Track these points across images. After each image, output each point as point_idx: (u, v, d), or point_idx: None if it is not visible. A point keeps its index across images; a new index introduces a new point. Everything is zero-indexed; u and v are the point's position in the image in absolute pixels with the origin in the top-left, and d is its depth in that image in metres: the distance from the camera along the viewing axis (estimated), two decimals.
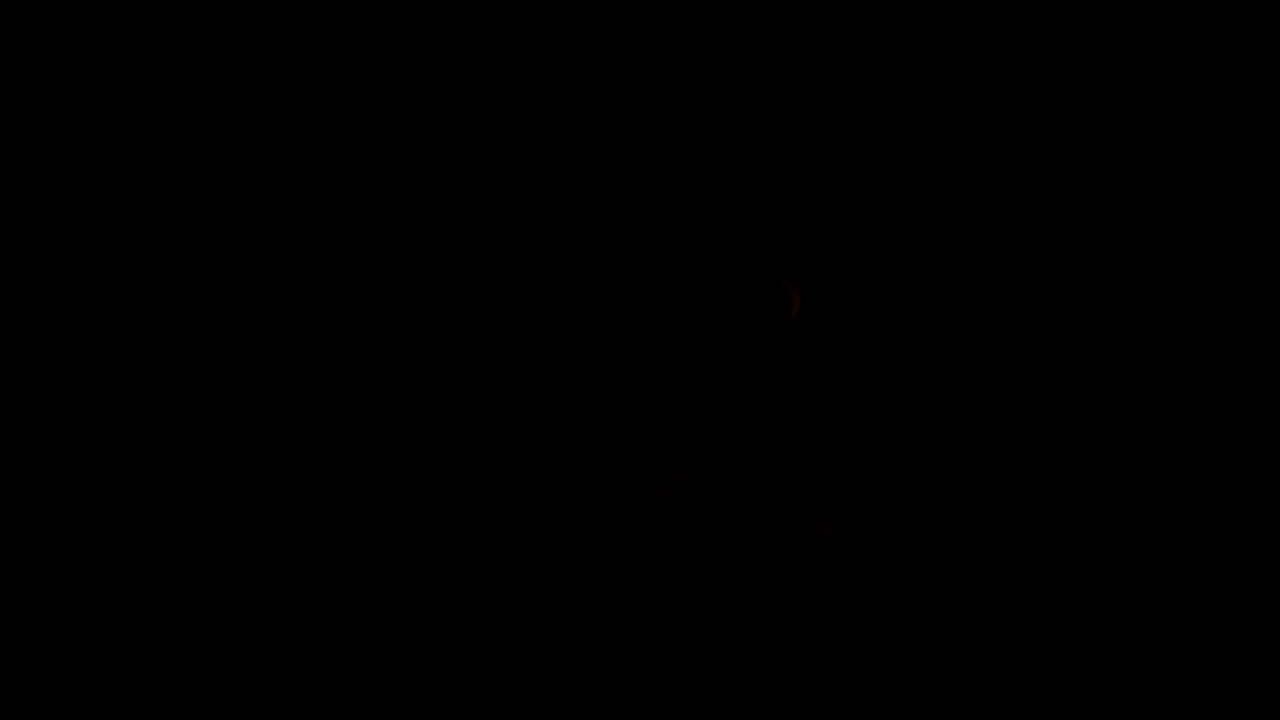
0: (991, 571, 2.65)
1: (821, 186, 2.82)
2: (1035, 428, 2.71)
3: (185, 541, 2.66)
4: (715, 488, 2.56)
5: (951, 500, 2.68)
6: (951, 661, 2.60)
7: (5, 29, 2.75)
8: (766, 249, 2.80)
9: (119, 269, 2.76)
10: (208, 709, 2.57)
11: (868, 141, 2.83)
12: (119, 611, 2.62)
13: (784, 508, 2.56)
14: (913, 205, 2.81)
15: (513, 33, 2.83)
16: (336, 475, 2.71)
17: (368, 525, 2.69)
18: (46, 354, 2.72)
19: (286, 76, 2.82)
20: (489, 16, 2.82)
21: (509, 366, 2.77)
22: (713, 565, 2.54)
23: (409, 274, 2.80)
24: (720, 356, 2.64)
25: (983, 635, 2.61)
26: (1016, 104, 2.80)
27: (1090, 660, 2.60)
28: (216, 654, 2.60)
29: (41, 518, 2.66)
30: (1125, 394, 2.72)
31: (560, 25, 2.83)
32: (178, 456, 2.71)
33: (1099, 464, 2.69)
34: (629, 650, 2.53)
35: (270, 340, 2.76)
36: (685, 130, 2.84)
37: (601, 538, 2.61)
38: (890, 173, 2.82)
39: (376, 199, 2.81)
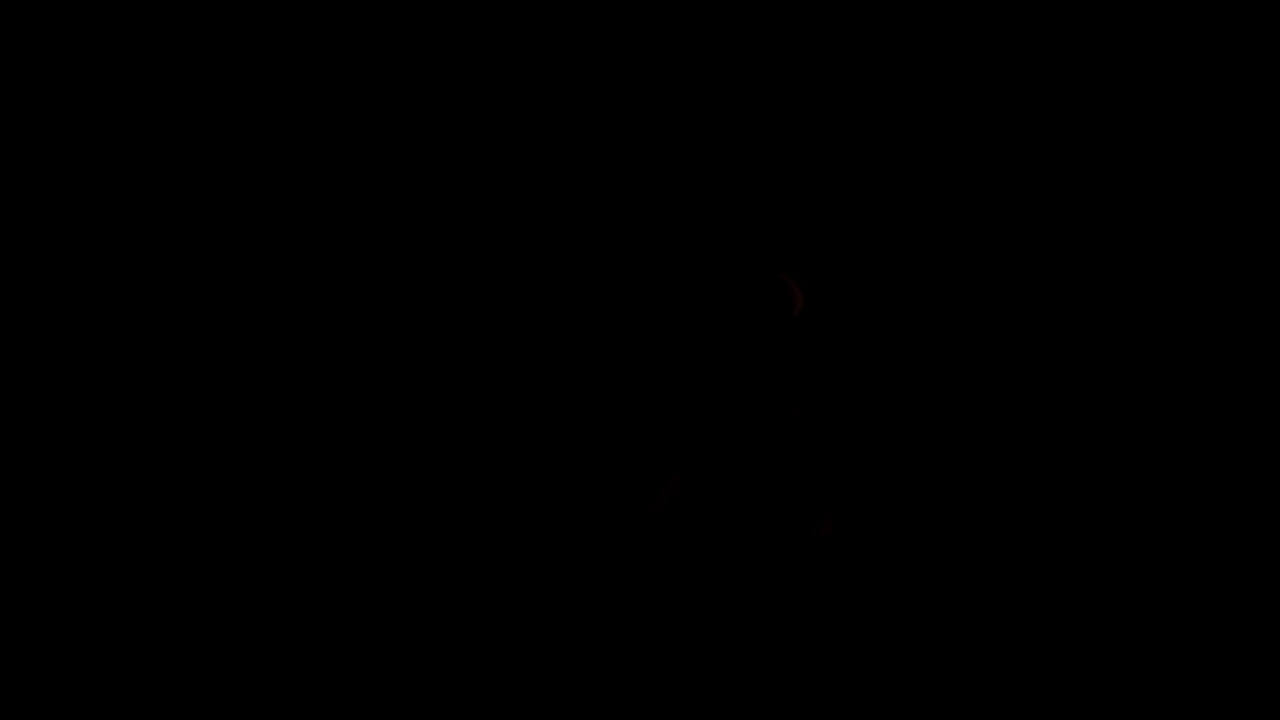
0: (991, 572, 2.65)
1: (823, 185, 2.82)
2: (1035, 428, 2.71)
3: (185, 541, 2.67)
4: (715, 488, 2.56)
5: (951, 500, 2.68)
6: (951, 661, 2.60)
7: (5, 29, 2.75)
8: (768, 246, 2.80)
9: (119, 269, 2.76)
10: (208, 709, 2.57)
11: (869, 139, 2.82)
12: (119, 610, 2.63)
13: (784, 508, 2.56)
14: (913, 205, 2.80)
15: (514, 26, 2.83)
16: (337, 475, 2.71)
17: (369, 525, 2.69)
18: (47, 354, 2.72)
19: (287, 77, 2.82)
20: (492, 7, 2.82)
21: (509, 367, 2.77)
22: (713, 565, 2.54)
23: (408, 273, 2.79)
24: (721, 355, 2.64)
25: (982, 636, 2.61)
26: (1017, 103, 2.80)
27: (1090, 658, 2.60)
28: (216, 653, 2.60)
29: (42, 517, 2.66)
30: (1125, 392, 2.72)
31: (563, 21, 2.82)
32: (178, 457, 2.71)
33: (1099, 463, 2.69)
34: (629, 650, 2.53)
35: (270, 341, 2.76)
36: (686, 130, 2.83)
37: (601, 538, 2.62)
38: (891, 171, 2.82)
39: (375, 198, 2.81)
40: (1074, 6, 2.77)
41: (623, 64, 2.82)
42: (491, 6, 2.81)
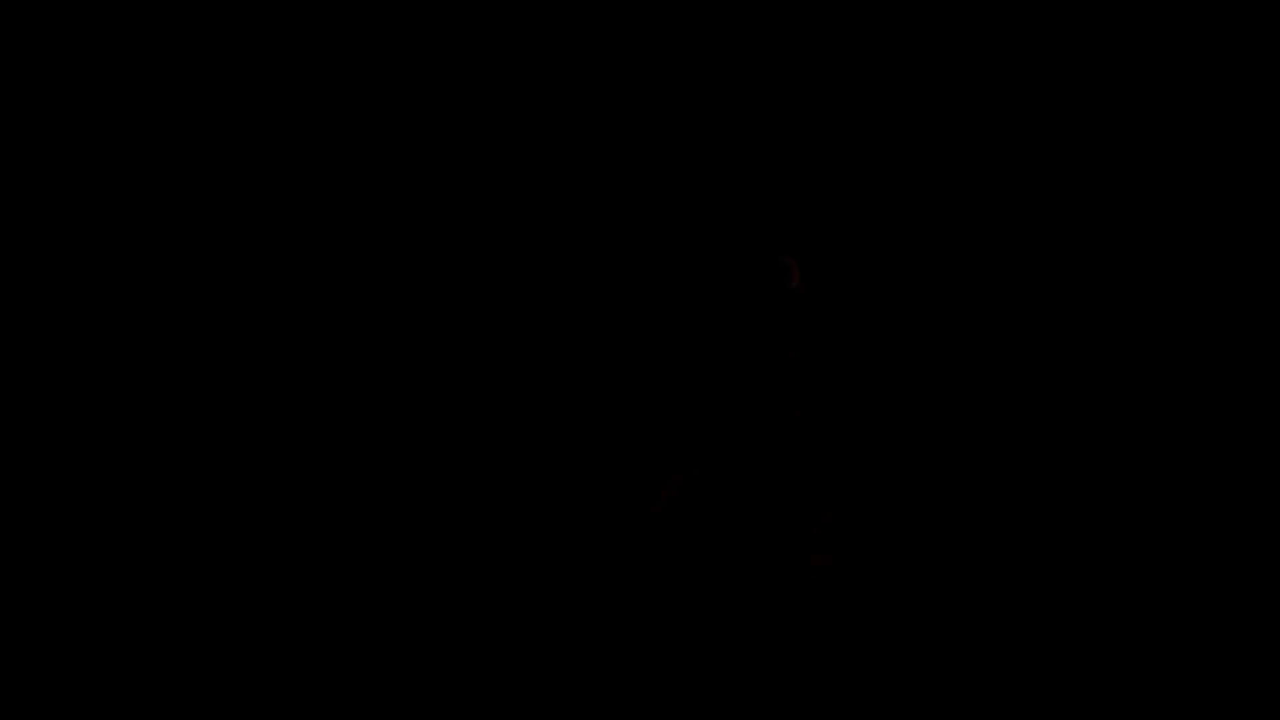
0: (992, 575, 2.65)
1: (824, 179, 2.82)
2: (1038, 430, 2.71)
3: (186, 542, 2.67)
4: (715, 488, 2.56)
5: (952, 502, 2.68)
6: (951, 663, 2.60)
7: (5, 29, 2.75)
8: (765, 233, 2.80)
9: (120, 269, 2.76)
10: (208, 709, 2.57)
11: (867, 131, 2.82)
12: (119, 611, 2.63)
13: (784, 508, 2.56)
14: (914, 202, 2.80)
15: (515, 10, 2.83)
16: (337, 475, 2.71)
17: (369, 525, 2.69)
18: (47, 355, 2.72)
19: (287, 77, 2.82)
20: None
21: (508, 366, 2.76)
22: (713, 565, 2.54)
23: (404, 270, 2.79)
24: (720, 351, 2.64)
25: (982, 638, 2.61)
26: (1018, 97, 2.80)
27: (1089, 658, 2.60)
28: (217, 654, 2.60)
29: (42, 518, 2.66)
30: (1124, 386, 2.72)
31: (564, 3, 2.82)
32: (178, 457, 2.71)
33: (1099, 466, 2.69)
34: (629, 649, 2.53)
35: (270, 341, 2.76)
36: (683, 126, 2.83)
37: (601, 538, 2.61)
38: (892, 165, 2.81)
39: (371, 192, 2.81)
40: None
41: (618, 49, 2.82)
42: None
